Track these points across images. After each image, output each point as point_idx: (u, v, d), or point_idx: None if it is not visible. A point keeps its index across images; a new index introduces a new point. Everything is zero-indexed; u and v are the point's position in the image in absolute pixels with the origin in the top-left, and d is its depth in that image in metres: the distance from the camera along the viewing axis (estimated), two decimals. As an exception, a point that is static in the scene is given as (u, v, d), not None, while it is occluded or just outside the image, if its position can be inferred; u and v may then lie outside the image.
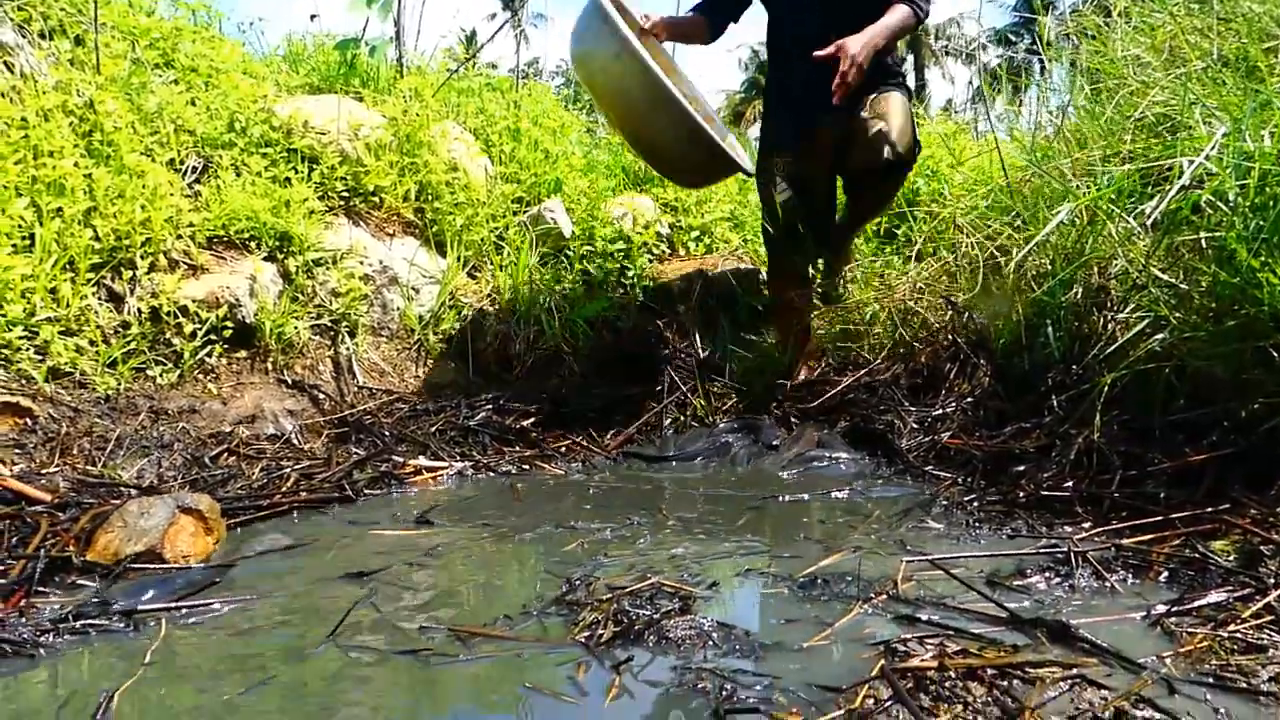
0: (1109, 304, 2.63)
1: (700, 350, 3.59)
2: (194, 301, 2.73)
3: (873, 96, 2.99)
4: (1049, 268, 2.84)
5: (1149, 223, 2.77)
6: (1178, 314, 2.39)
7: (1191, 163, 2.68)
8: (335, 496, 2.29)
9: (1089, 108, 3.44)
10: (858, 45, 2.76)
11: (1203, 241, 2.48)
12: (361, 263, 3.22)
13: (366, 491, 2.37)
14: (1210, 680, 1.18)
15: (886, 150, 2.89)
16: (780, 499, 2.32)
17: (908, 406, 2.83)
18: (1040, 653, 1.27)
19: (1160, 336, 2.36)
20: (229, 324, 2.78)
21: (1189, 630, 1.32)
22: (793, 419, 2.92)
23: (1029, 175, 3.28)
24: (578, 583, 1.62)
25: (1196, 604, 1.41)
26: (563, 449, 2.86)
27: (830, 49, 2.77)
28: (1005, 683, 1.17)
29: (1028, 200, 3.19)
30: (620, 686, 1.23)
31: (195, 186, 3.09)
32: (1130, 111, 3.09)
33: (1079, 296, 2.67)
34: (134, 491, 2.09)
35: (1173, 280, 2.52)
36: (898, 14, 2.92)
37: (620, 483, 2.57)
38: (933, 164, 4.21)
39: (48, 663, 1.35)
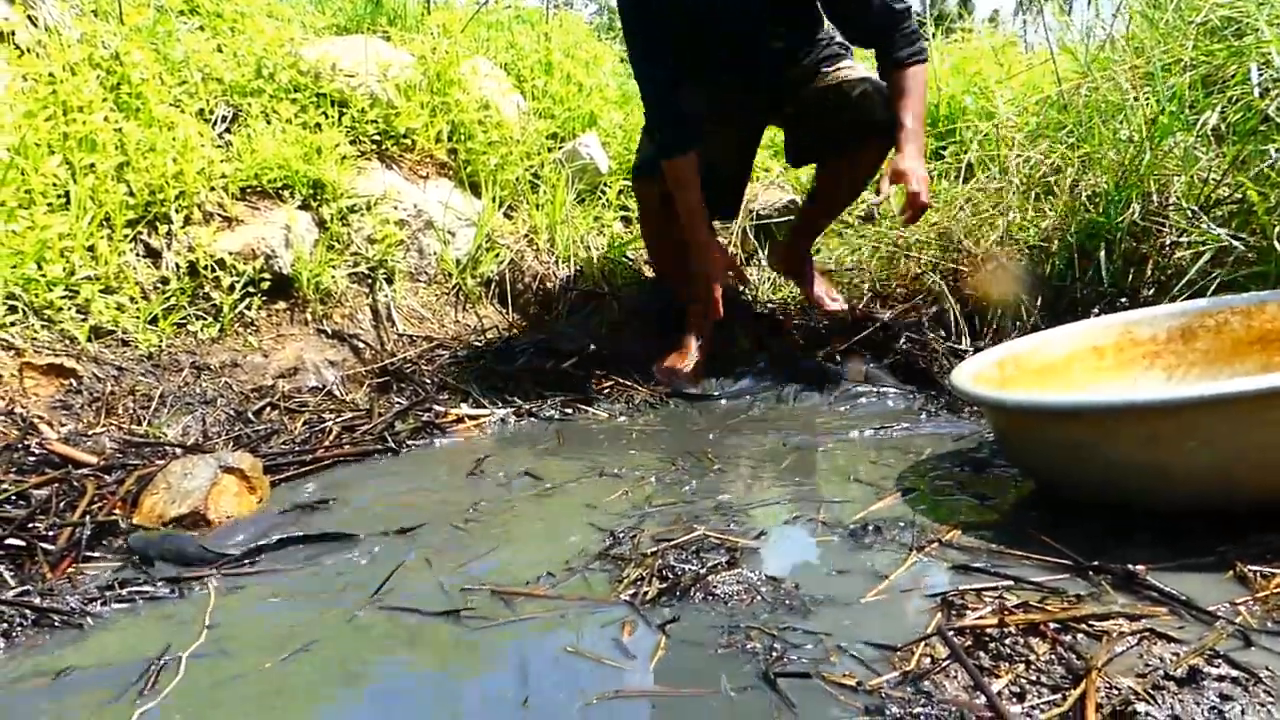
0: (1168, 226, 2.50)
1: (743, 284, 3.50)
2: (230, 254, 2.71)
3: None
4: (1104, 187, 2.72)
5: (1210, 134, 2.63)
6: (1240, 238, 2.28)
7: (1259, 68, 2.53)
8: (378, 449, 2.28)
9: (1147, 12, 3.26)
10: (917, 161, 2.36)
11: (1272, 156, 2.35)
12: (396, 207, 3.18)
13: (409, 442, 2.36)
14: (1288, 631, 1.12)
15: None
16: (828, 438, 2.27)
17: (957, 338, 2.75)
18: (1105, 603, 1.21)
19: (1219, 272, 2.25)
20: (266, 275, 2.76)
21: (1264, 574, 1.26)
22: (838, 354, 2.84)
23: (1083, 86, 3.12)
24: (622, 535, 1.59)
25: (1269, 544, 1.34)
26: (605, 391, 2.82)
27: (899, 183, 2.36)
28: (1069, 638, 1.12)
29: (1082, 114, 3.04)
30: (666, 648, 1.20)
31: (225, 136, 3.05)
32: (1192, 15, 2.92)
33: (1137, 216, 2.55)
34: (179, 450, 2.10)
35: (1239, 198, 2.40)
36: (919, 77, 2.42)
37: (664, 425, 2.53)
38: (980, 80, 4.04)
39: (96, 633, 1.35)
